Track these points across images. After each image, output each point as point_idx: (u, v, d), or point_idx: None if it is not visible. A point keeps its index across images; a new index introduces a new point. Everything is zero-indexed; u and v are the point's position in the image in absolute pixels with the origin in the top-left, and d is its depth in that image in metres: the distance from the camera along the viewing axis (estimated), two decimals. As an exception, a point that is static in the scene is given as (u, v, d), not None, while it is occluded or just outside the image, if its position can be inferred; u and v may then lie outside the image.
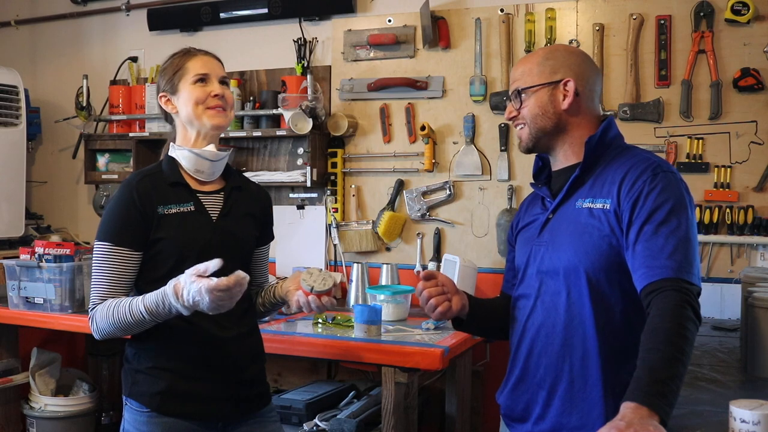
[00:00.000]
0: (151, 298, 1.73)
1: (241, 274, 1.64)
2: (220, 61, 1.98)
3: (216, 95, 1.90)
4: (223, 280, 1.61)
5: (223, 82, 1.94)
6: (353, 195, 3.46)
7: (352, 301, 3.17)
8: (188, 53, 1.94)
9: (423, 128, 3.23)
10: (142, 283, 1.85)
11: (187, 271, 1.67)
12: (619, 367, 1.61)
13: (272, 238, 2.11)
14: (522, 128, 1.76)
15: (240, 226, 1.94)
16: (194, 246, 1.83)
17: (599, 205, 1.63)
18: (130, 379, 1.86)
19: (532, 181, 1.86)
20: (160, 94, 1.94)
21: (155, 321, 1.75)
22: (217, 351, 1.86)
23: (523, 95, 1.73)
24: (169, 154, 1.93)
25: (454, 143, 3.28)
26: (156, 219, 1.82)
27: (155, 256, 1.83)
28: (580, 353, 1.62)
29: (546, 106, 1.72)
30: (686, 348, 1.40)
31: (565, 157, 1.75)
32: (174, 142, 1.95)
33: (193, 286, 1.63)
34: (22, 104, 3.74)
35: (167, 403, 1.82)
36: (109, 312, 1.76)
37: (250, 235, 1.98)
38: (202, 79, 1.90)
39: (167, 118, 1.99)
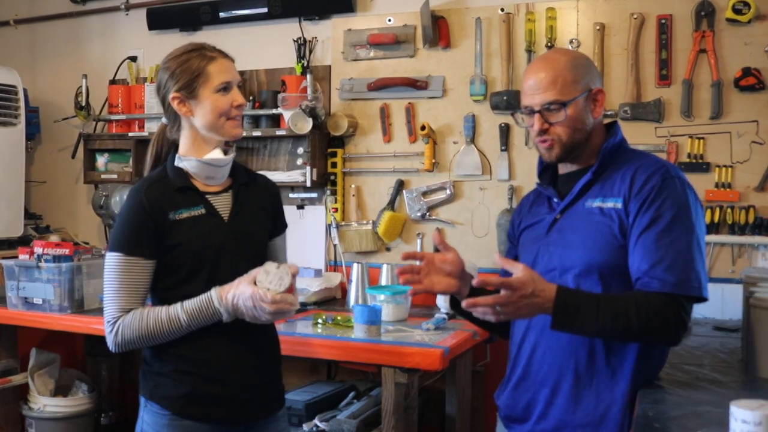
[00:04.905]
0: (192, 303, 1.74)
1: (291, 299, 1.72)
2: (233, 60, 1.89)
3: (239, 105, 1.84)
4: (285, 302, 1.71)
5: (238, 85, 1.88)
6: (353, 195, 3.45)
7: (352, 301, 3.16)
8: (205, 53, 1.83)
9: (423, 128, 3.22)
10: (159, 290, 1.83)
11: (245, 283, 1.72)
12: (626, 364, 1.62)
13: (285, 226, 2.07)
14: (552, 142, 1.69)
15: (253, 223, 1.92)
16: (209, 249, 1.81)
17: (610, 204, 1.65)
18: (151, 381, 1.84)
19: (538, 181, 1.86)
20: (173, 95, 1.81)
21: (191, 328, 1.75)
22: (239, 354, 1.84)
23: (567, 109, 1.65)
24: (176, 165, 1.86)
25: (454, 143, 3.27)
26: (168, 225, 1.79)
27: (171, 262, 1.80)
28: (587, 349, 1.63)
29: (583, 119, 1.69)
30: (628, 327, 1.52)
31: (578, 162, 1.75)
32: (177, 145, 1.89)
33: (259, 306, 1.70)
34: (21, 104, 3.74)
35: (190, 406, 1.80)
36: (139, 322, 1.74)
37: (264, 230, 1.97)
38: (226, 88, 1.83)
39: (171, 117, 1.88)
